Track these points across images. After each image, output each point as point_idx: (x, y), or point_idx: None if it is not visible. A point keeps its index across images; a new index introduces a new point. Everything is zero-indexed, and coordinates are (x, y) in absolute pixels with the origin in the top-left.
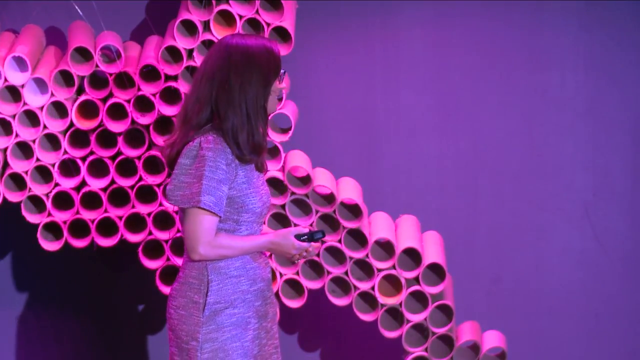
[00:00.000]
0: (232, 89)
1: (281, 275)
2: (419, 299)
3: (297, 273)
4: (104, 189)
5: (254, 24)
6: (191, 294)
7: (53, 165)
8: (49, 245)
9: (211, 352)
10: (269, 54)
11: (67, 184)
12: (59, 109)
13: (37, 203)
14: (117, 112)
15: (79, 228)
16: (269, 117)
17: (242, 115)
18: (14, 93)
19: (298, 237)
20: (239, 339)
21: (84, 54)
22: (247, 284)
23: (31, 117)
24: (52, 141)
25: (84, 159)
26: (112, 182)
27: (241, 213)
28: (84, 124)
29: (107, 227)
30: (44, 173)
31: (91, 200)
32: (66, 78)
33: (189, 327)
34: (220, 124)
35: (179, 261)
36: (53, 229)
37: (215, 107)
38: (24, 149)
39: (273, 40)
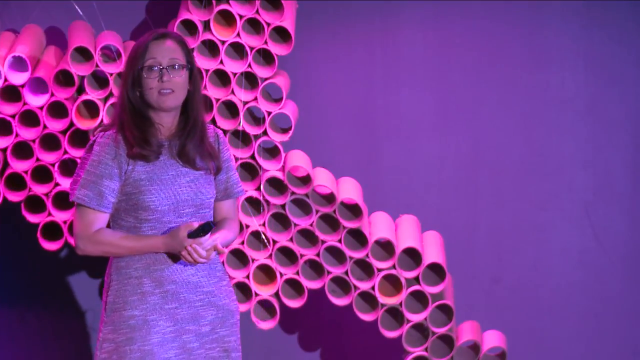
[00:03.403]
0: (120, 88)
1: (281, 275)
2: (419, 298)
3: (297, 273)
4: None
5: (254, 24)
6: (104, 293)
7: (53, 165)
8: (49, 245)
9: (107, 353)
10: (136, 47)
11: (67, 184)
12: (59, 109)
13: (37, 203)
14: None
15: None
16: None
17: (120, 111)
18: (14, 93)
19: (190, 235)
20: (136, 342)
21: (84, 54)
22: (150, 286)
23: (31, 117)
24: (52, 141)
25: None
26: None
27: (138, 210)
28: (84, 124)
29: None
30: (44, 173)
31: None
32: (66, 78)
33: (100, 325)
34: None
35: None
36: (53, 229)
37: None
38: (24, 149)
39: (153, 32)
